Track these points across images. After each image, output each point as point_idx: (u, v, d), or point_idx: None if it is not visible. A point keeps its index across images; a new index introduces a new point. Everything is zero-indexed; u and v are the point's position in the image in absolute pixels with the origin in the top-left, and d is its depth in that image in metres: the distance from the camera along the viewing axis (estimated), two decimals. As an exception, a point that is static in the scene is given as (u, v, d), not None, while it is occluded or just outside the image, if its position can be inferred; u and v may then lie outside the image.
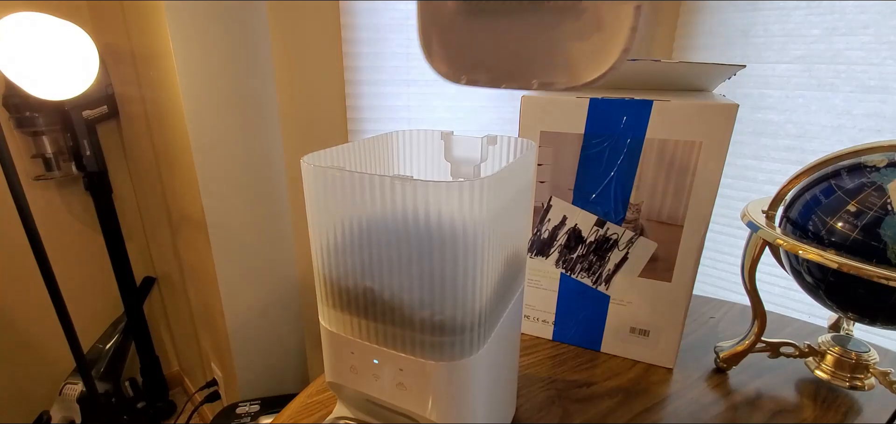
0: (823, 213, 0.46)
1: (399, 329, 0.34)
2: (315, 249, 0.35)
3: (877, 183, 0.44)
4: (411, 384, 0.35)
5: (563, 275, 0.58)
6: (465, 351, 0.33)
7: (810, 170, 0.49)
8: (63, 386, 1.31)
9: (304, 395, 0.53)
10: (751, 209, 0.53)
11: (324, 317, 0.37)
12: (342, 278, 0.35)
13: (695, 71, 0.41)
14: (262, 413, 1.18)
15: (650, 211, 0.51)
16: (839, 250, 0.43)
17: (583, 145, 0.52)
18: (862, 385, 0.51)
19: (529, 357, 0.59)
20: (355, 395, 0.41)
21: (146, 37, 1.10)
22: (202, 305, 1.33)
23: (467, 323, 0.32)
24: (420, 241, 0.30)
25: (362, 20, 1.03)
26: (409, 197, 0.30)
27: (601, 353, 0.60)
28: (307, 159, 0.33)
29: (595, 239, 0.55)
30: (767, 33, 1.02)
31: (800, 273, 0.50)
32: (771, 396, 0.53)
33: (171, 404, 1.59)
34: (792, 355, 0.56)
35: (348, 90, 1.09)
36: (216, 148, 1.05)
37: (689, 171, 0.48)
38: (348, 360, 0.37)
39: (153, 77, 1.12)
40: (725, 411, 0.51)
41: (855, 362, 0.51)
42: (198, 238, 1.16)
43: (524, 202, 0.41)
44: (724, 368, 0.57)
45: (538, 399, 0.52)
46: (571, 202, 0.55)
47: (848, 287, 0.45)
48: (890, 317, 0.45)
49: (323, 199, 0.33)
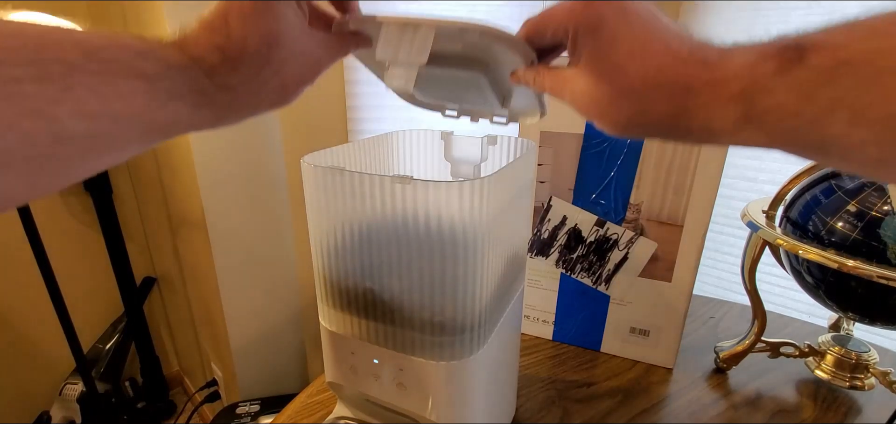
0: (823, 213, 0.46)
1: (399, 329, 0.34)
2: (315, 249, 0.35)
3: (877, 183, 0.44)
4: (411, 384, 0.35)
5: (564, 275, 0.58)
6: (465, 351, 0.33)
7: (810, 170, 0.49)
8: (63, 386, 1.31)
9: (304, 395, 0.53)
10: (751, 209, 0.53)
11: (324, 317, 0.37)
12: (342, 278, 0.35)
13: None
14: (262, 413, 1.18)
15: (650, 211, 0.51)
16: (839, 250, 0.43)
17: (583, 145, 0.52)
18: (862, 385, 0.51)
19: (529, 357, 0.59)
20: (355, 395, 0.41)
21: (146, 37, 1.10)
22: (202, 305, 1.33)
23: (467, 323, 0.32)
24: (420, 241, 0.30)
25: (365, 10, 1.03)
26: (409, 197, 0.30)
27: (601, 353, 0.59)
28: (307, 158, 0.33)
29: (595, 239, 0.55)
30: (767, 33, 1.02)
31: (800, 273, 0.50)
32: (771, 396, 0.53)
33: (171, 404, 1.59)
34: (792, 355, 0.56)
35: (348, 90, 1.09)
36: (216, 148, 1.05)
37: (689, 171, 0.48)
38: (348, 360, 0.37)
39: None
40: (725, 411, 0.51)
41: (855, 362, 0.51)
42: (198, 239, 1.16)
43: (524, 202, 0.41)
44: (724, 368, 0.57)
45: (538, 399, 0.52)
46: (571, 202, 0.55)
47: (848, 287, 0.45)
48: (890, 317, 0.45)
49: (323, 199, 0.33)
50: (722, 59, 0.20)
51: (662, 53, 0.22)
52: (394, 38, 0.28)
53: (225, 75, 0.24)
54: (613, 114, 0.24)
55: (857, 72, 0.17)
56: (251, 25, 0.24)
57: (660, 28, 0.22)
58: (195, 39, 0.24)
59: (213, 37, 0.24)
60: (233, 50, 0.24)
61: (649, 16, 0.23)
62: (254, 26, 0.24)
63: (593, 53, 0.23)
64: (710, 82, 0.20)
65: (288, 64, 0.26)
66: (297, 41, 0.26)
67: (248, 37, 0.24)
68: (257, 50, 0.24)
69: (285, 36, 0.25)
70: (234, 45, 0.24)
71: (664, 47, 0.22)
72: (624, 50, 0.22)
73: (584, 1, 0.23)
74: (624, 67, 0.22)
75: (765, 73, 0.19)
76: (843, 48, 0.17)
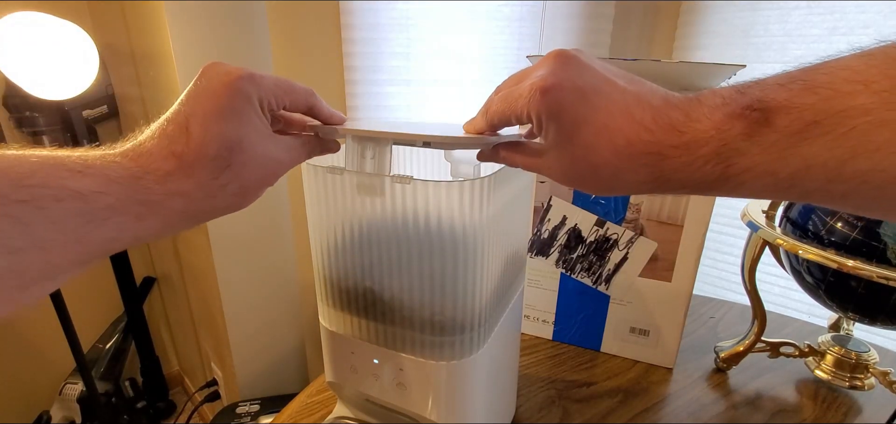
0: (823, 212, 0.46)
1: (399, 329, 0.34)
2: (315, 249, 0.35)
3: (877, 183, 0.43)
4: (411, 384, 0.35)
5: (563, 275, 0.58)
6: (465, 351, 0.33)
7: (810, 170, 0.49)
8: (63, 386, 1.30)
9: (304, 395, 0.53)
10: (751, 209, 0.53)
11: (324, 317, 0.37)
12: (342, 278, 0.35)
13: (695, 71, 0.41)
14: (262, 413, 1.18)
15: (650, 211, 0.51)
16: (839, 249, 0.43)
17: (583, 145, 0.52)
18: (862, 385, 0.51)
19: (529, 357, 0.59)
20: (355, 395, 0.41)
21: (146, 37, 1.10)
22: (202, 305, 1.33)
23: (467, 323, 0.32)
24: (420, 241, 0.30)
25: (362, 20, 1.03)
26: (409, 197, 0.30)
27: (601, 353, 0.59)
28: (307, 159, 0.33)
29: (595, 239, 0.55)
30: (767, 33, 1.02)
31: (800, 273, 0.50)
32: (771, 396, 0.53)
33: (171, 404, 1.59)
34: (792, 355, 0.56)
35: (348, 90, 1.09)
36: (216, 148, 1.05)
37: (689, 171, 0.48)
38: (348, 360, 0.37)
39: (153, 77, 1.12)
40: (725, 411, 0.51)
41: (855, 362, 0.51)
42: (198, 238, 1.16)
43: (524, 202, 0.41)
44: (724, 368, 0.57)
45: (538, 399, 0.52)
46: (571, 202, 0.55)
47: (848, 287, 0.45)
48: (890, 317, 0.45)
49: (323, 199, 0.33)
50: (688, 120, 0.20)
51: (628, 125, 0.21)
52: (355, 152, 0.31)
53: (179, 181, 0.23)
54: (593, 184, 0.24)
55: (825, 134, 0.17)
56: (213, 129, 0.23)
57: (620, 99, 0.22)
58: (150, 149, 0.23)
59: (171, 145, 0.23)
60: (190, 156, 0.23)
61: (608, 88, 0.22)
62: (217, 131, 0.23)
63: (560, 137, 0.23)
64: (681, 147, 0.20)
65: (248, 167, 0.25)
66: (260, 145, 0.25)
67: (208, 140, 0.23)
68: (217, 155, 0.23)
69: (248, 141, 0.24)
70: (192, 151, 0.23)
71: (628, 119, 0.21)
72: (589, 131, 0.22)
73: (542, 88, 0.23)
74: (593, 147, 0.22)
75: (734, 135, 0.19)
76: (809, 109, 0.17)
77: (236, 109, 0.24)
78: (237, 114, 0.24)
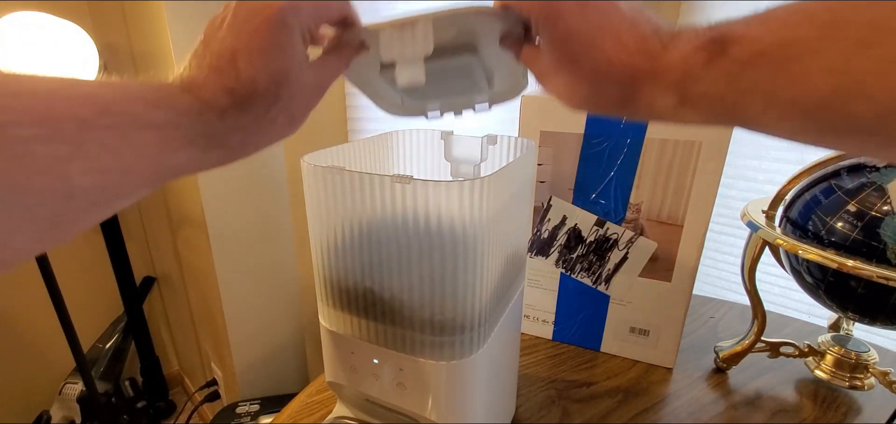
0: (823, 213, 0.46)
1: (399, 329, 0.34)
2: (315, 249, 0.35)
3: (877, 183, 0.44)
4: (411, 384, 0.35)
5: (563, 275, 0.58)
6: (465, 351, 0.33)
7: (810, 170, 0.49)
8: (63, 386, 1.30)
9: (304, 395, 0.53)
10: (751, 209, 0.53)
11: (324, 317, 0.37)
12: (342, 277, 0.35)
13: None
14: (262, 412, 1.18)
15: (650, 211, 0.51)
16: (839, 250, 0.43)
17: (583, 145, 0.52)
18: (862, 385, 0.51)
19: (529, 357, 0.59)
20: (355, 395, 0.41)
21: (146, 37, 1.10)
22: (202, 305, 1.33)
23: (467, 323, 0.32)
24: (420, 240, 0.30)
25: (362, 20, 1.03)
26: (409, 197, 0.30)
27: (601, 353, 0.60)
28: (307, 158, 0.33)
29: (595, 239, 0.55)
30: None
31: (800, 273, 0.50)
32: (771, 396, 0.53)
33: (171, 404, 1.59)
34: (792, 355, 0.56)
35: (348, 90, 1.09)
36: (216, 148, 1.05)
37: (689, 171, 0.48)
38: (348, 360, 0.37)
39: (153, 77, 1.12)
40: (725, 411, 0.51)
41: (855, 362, 0.51)
42: (198, 238, 1.16)
43: (524, 202, 0.41)
44: (724, 368, 0.57)
45: (538, 399, 0.52)
46: (571, 202, 0.55)
47: (848, 287, 0.45)
48: (890, 317, 0.45)
49: (323, 198, 0.33)
50: (664, 50, 0.22)
51: (613, 46, 0.23)
52: (395, 38, 0.29)
53: (236, 117, 0.24)
54: (570, 96, 0.26)
55: (769, 62, 0.19)
56: (260, 66, 0.24)
57: (614, 20, 0.23)
58: (204, 83, 0.24)
59: (223, 80, 0.24)
60: (242, 91, 0.24)
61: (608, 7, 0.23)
62: (263, 67, 0.24)
63: (552, 42, 0.25)
64: (651, 72, 0.22)
65: (295, 99, 0.26)
66: (304, 75, 0.26)
67: (257, 78, 0.24)
68: (267, 90, 0.24)
69: (293, 73, 0.25)
70: (243, 87, 0.24)
71: (615, 40, 0.23)
72: (578, 43, 0.24)
73: None
74: (578, 59, 0.24)
75: (695, 64, 0.21)
76: (758, 40, 0.19)
77: (280, 44, 0.24)
78: (281, 48, 0.24)
